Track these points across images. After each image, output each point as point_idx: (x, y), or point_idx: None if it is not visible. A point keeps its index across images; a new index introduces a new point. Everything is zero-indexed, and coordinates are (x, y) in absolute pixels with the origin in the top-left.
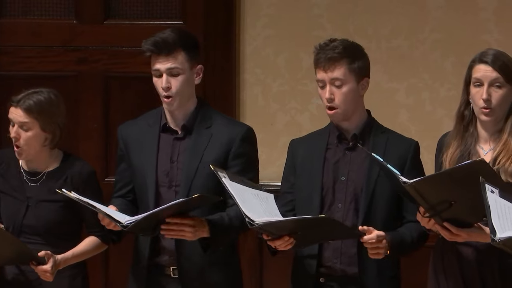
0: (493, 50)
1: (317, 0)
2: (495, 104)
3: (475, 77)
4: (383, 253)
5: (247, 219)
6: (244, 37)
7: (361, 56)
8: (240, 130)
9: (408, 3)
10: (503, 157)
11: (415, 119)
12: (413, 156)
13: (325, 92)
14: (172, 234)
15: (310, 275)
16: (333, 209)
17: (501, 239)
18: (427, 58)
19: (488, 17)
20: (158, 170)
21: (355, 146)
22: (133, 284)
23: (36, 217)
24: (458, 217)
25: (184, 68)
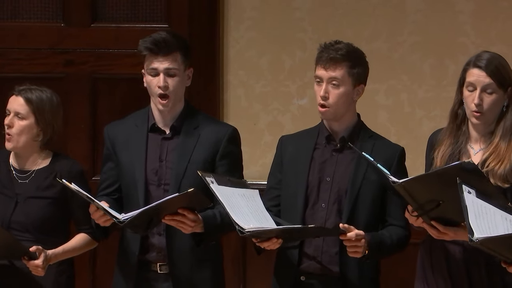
0: (488, 54)
1: (299, 3)
2: (486, 108)
3: (468, 81)
4: (361, 252)
5: (237, 227)
6: (227, 40)
7: (362, 63)
8: (226, 131)
9: (388, 7)
10: (492, 160)
11: (395, 120)
12: (398, 162)
13: (321, 89)
14: (173, 223)
15: (291, 273)
16: (316, 208)
17: (479, 239)
18: (406, 60)
19: (465, 20)
20: (147, 168)
21: (342, 148)
22: (120, 280)
23: (24, 214)
24: (446, 216)
25: (180, 69)
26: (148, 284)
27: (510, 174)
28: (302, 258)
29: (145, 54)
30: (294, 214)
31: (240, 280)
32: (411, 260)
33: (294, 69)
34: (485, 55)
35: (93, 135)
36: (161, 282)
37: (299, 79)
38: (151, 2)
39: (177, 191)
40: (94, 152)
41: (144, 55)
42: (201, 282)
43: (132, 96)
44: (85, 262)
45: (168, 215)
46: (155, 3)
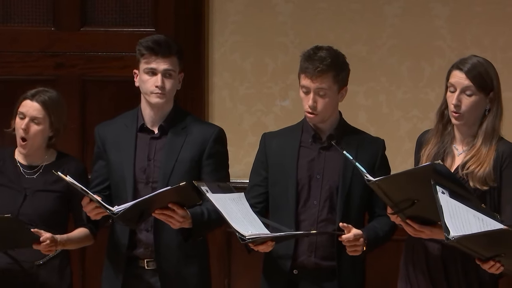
0: (474, 58)
1: (281, 8)
2: (464, 110)
3: (450, 82)
4: (360, 250)
5: (238, 235)
6: (212, 43)
7: (345, 67)
8: (213, 131)
9: (367, 11)
10: (473, 163)
11: (374, 120)
12: (382, 155)
13: (309, 99)
14: (163, 218)
15: (284, 267)
16: (308, 206)
17: (455, 237)
18: (384, 63)
19: (441, 25)
20: (136, 167)
21: (330, 146)
22: (110, 275)
23: (33, 206)
24: (422, 215)
25: (176, 72)
26: (136, 279)
27: (489, 177)
28: (296, 252)
29: (144, 53)
30: (287, 212)
31: (225, 275)
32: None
33: (276, 72)
34: (471, 59)
35: (83, 135)
36: (148, 278)
37: (282, 81)
38: (139, 6)
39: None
40: (84, 151)
41: (143, 54)
42: (188, 277)
43: (120, 98)
44: (74, 257)
45: (158, 209)
46: (142, 7)
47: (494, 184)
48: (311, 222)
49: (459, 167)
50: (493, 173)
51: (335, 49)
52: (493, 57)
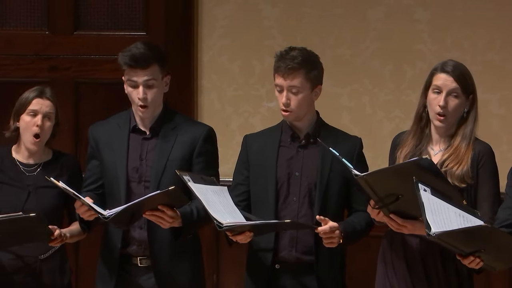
0: (454, 61)
1: (268, 13)
2: (450, 112)
3: (435, 84)
4: (336, 242)
5: (216, 222)
6: (201, 46)
7: (317, 66)
8: (202, 130)
9: (351, 16)
10: (451, 161)
11: (357, 121)
12: (359, 151)
13: (282, 97)
14: (153, 219)
15: (265, 262)
16: (288, 202)
17: (436, 233)
18: (367, 65)
19: (422, 28)
20: (128, 166)
21: (307, 144)
22: (103, 273)
23: (37, 202)
24: (405, 210)
25: (157, 80)
26: (130, 277)
27: (467, 175)
28: (278, 248)
29: (124, 68)
30: (267, 208)
31: (213, 271)
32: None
33: (263, 74)
34: (451, 62)
35: (76, 135)
36: (142, 275)
37: (269, 83)
38: (130, 11)
39: (157, 187)
40: (77, 151)
41: (123, 68)
42: (180, 273)
43: (112, 99)
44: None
45: (148, 210)
46: (133, 12)
47: (472, 182)
48: (292, 218)
49: (438, 165)
50: (470, 171)
51: (308, 50)
52: (473, 59)
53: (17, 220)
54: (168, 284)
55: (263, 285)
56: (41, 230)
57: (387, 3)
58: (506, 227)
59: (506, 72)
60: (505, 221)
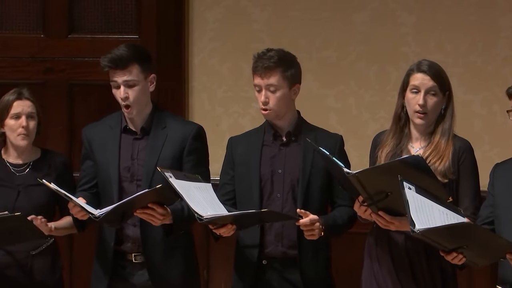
0: (427, 61)
1: (257, 16)
2: (429, 109)
3: (413, 84)
4: (317, 234)
5: (196, 215)
6: (192, 49)
7: (294, 65)
8: (192, 129)
9: (337, 19)
10: (433, 157)
11: (343, 122)
12: (339, 148)
13: (261, 96)
14: (144, 217)
15: (252, 258)
16: (272, 199)
17: (420, 230)
18: (353, 68)
19: (407, 32)
20: (120, 166)
21: (289, 142)
22: (98, 269)
23: (28, 199)
24: (393, 207)
25: (139, 79)
26: (124, 273)
27: (449, 170)
28: (264, 244)
29: (106, 69)
30: (252, 206)
31: (204, 266)
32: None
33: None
34: (426, 62)
35: (70, 136)
36: (136, 270)
37: None
38: (123, 15)
39: (149, 186)
40: (71, 151)
41: (106, 70)
42: (173, 268)
43: (106, 101)
44: (63, 250)
45: (139, 208)
46: (126, 16)
47: (453, 177)
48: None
49: None
50: (452, 166)
51: (285, 50)
52: (455, 62)
53: (2, 220)
54: (161, 279)
55: (250, 281)
56: (27, 229)
57: (373, 7)
58: (488, 224)
59: (488, 73)
60: (486, 219)
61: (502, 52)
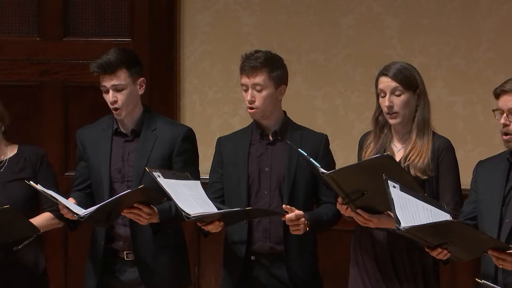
0: (395, 63)
1: (246, 20)
2: (397, 109)
3: (379, 88)
4: (302, 229)
5: (184, 213)
6: (183, 52)
7: (280, 66)
8: (180, 131)
9: (324, 23)
10: (412, 154)
11: (330, 122)
12: (324, 147)
13: (248, 95)
14: (131, 216)
15: (240, 254)
16: (259, 196)
17: (405, 227)
18: (340, 70)
19: (392, 35)
20: (111, 167)
21: (275, 141)
22: (90, 267)
23: (6, 196)
24: (370, 205)
25: (127, 83)
26: (115, 270)
27: (428, 167)
28: (252, 240)
29: (96, 75)
30: (240, 203)
31: (195, 263)
32: (345, 245)
33: None
34: (392, 64)
35: (65, 136)
36: (127, 268)
37: None
38: (116, 18)
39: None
40: (66, 150)
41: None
42: (163, 265)
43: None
44: (57, 248)
45: (126, 208)
46: (119, 19)
47: (433, 174)
48: (256, 207)
49: (401, 160)
50: (431, 163)
51: (273, 52)
52: (439, 64)
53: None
54: (151, 276)
55: (238, 277)
56: (20, 224)
57: (359, 11)
58: (470, 219)
59: (470, 76)
60: (469, 214)
61: (484, 55)
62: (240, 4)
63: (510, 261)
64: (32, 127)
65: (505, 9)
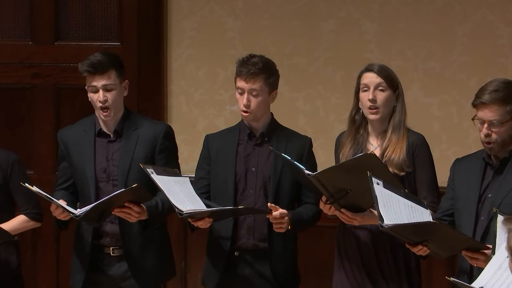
0: (377, 63)
1: (231, 25)
2: (379, 104)
3: (363, 83)
4: (285, 227)
5: (177, 210)
6: (170, 55)
7: (274, 73)
8: (161, 129)
9: (305, 28)
10: (389, 151)
11: (311, 123)
12: (308, 150)
13: (243, 99)
14: (122, 215)
15: (225, 248)
16: (245, 195)
17: (388, 225)
18: (321, 73)
19: (370, 39)
20: (96, 167)
21: (262, 142)
22: (77, 263)
23: None
24: (354, 204)
25: (116, 84)
26: (102, 265)
27: (404, 163)
28: (237, 236)
29: (85, 74)
30: (227, 200)
31: (181, 258)
32: (326, 240)
33: (227, 80)
34: (375, 63)
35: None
36: (114, 263)
37: (231, 88)
38: (106, 23)
39: (124, 185)
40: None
41: (84, 75)
42: (149, 259)
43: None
44: (50, 243)
45: (117, 207)
46: (109, 24)
47: (409, 170)
48: (246, 206)
49: (378, 157)
50: (407, 159)
51: (267, 57)
52: (415, 67)
53: None
54: (139, 270)
55: (222, 270)
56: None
57: (339, 17)
58: (448, 216)
59: (445, 78)
60: (447, 211)
61: (458, 58)
62: (224, 10)
63: (483, 259)
64: (25, 128)
65: (478, 14)
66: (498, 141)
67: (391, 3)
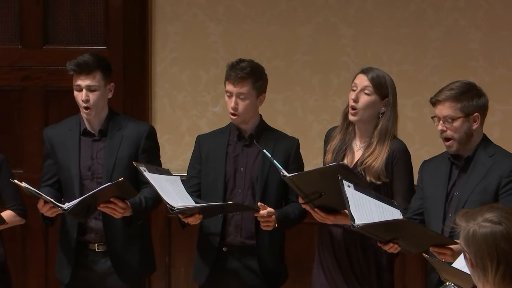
0: (378, 69)
1: (213, 29)
2: (360, 106)
3: (354, 82)
4: (272, 225)
5: (168, 206)
6: (155, 59)
7: (262, 77)
8: (145, 129)
9: (285, 32)
10: (369, 159)
11: (290, 123)
12: (296, 151)
13: (231, 102)
14: (107, 210)
15: (214, 244)
16: (234, 194)
17: (359, 225)
18: (299, 75)
19: (347, 43)
20: (81, 166)
21: (251, 143)
22: (62, 258)
23: None
24: (328, 205)
25: (100, 85)
26: (87, 261)
27: (382, 173)
28: (225, 233)
29: (71, 73)
30: (216, 198)
31: (165, 253)
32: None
33: (209, 83)
34: (375, 68)
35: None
36: (99, 259)
37: (213, 90)
38: (93, 28)
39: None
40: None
41: (71, 73)
42: (132, 254)
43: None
44: (38, 238)
45: (102, 203)
46: (96, 29)
47: (386, 180)
48: (235, 202)
49: (358, 163)
50: (385, 169)
51: (256, 62)
52: (390, 70)
53: None
54: (122, 265)
55: (211, 265)
56: None
57: (316, 21)
58: (418, 215)
59: (419, 80)
60: (417, 210)
61: (431, 62)
62: (207, 15)
63: (450, 254)
64: (15, 128)
65: (451, 19)
66: (455, 137)
67: (367, 9)
